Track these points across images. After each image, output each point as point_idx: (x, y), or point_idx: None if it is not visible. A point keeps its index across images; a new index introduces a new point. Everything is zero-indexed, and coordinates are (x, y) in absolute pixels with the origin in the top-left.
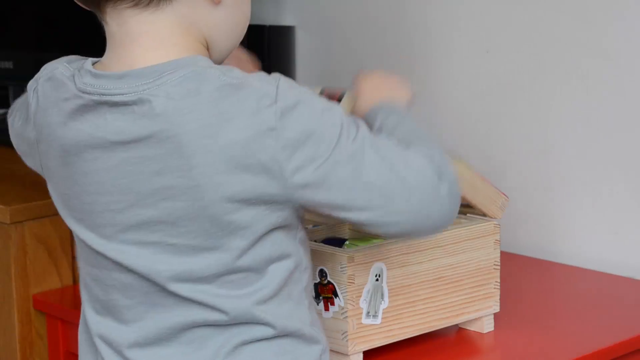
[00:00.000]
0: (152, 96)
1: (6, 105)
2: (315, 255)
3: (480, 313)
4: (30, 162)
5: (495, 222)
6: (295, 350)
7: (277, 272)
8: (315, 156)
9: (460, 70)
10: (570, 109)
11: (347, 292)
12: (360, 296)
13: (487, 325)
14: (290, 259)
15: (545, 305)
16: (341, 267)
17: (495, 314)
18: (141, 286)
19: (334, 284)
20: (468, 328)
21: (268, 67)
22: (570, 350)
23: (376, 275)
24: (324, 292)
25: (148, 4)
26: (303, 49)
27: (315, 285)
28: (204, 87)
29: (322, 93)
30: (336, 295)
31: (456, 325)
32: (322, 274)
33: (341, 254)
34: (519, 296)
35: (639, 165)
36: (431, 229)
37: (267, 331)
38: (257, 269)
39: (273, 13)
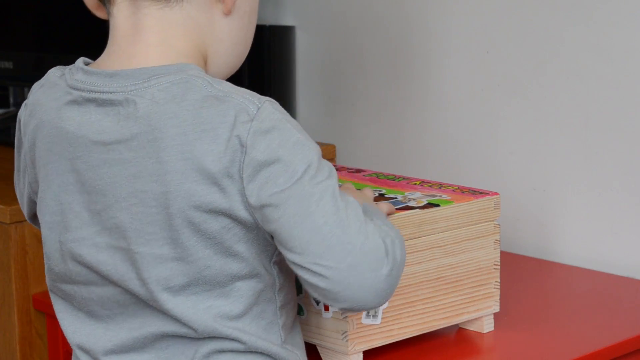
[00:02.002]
0: (139, 97)
1: (6, 105)
2: None
3: (480, 313)
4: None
5: (495, 222)
6: None
7: (243, 290)
8: (274, 184)
9: (460, 70)
10: (570, 108)
11: None
12: None
13: (487, 325)
14: (258, 278)
15: (545, 305)
16: None
17: (495, 314)
18: (114, 294)
19: None
20: (468, 328)
21: (268, 67)
22: (570, 350)
23: None
24: None
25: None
26: (303, 49)
27: None
28: (189, 95)
29: None
30: None
31: (456, 325)
32: None
33: None
34: (519, 296)
35: (638, 165)
36: (358, 299)
37: (238, 346)
38: (222, 283)
39: (273, 13)
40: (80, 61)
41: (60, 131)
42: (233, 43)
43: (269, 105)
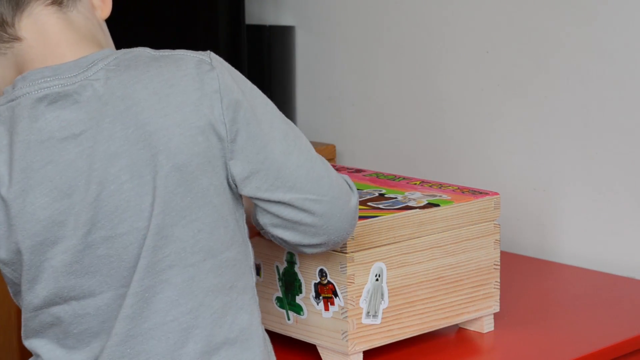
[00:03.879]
0: (92, 80)
1: None
2: (315, 255)
3: (480, 313)
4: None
5: (495, 222)
6: None
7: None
8: (253, 126)
9: (460, 70)
10: (570, 108)
11: (347, 292)
12: (360, 296)
13: (487, 325)
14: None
15: (545, 305)
16: (341, 267)
17: (495, 314)
18: (110, 301)
19: (334, 284)
20: (468, 328)
21: (268, 67)
22: (570, 350)
23: (376, 275)
24: (324, 292)
25: (60, 3)
26: (303, 49)
27: (315, 285)
28: (141, 60)
29: None
30: (336, 295)
31: (456, 325)
32: (322, 274)
33: (341, 254)
34: (519, 296)
35: (638, 165)
36: (339, 230)
37: None
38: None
39: (273, 13)
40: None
41: (26, 146)
42: (112, 42)
43: (214, 54)
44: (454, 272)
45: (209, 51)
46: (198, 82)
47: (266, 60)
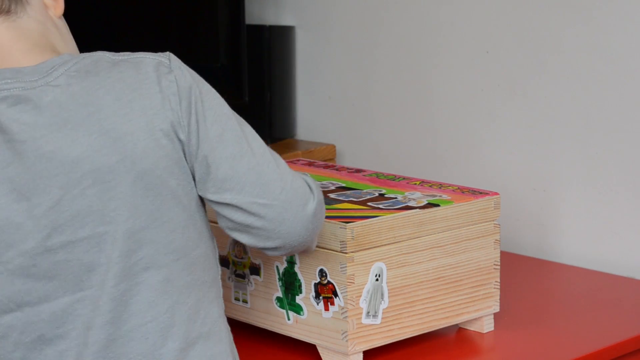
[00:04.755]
0: (53, 86)
1: None
2: (315, 255)
3: (480, 313)
4: None
5: (495, 222)
6: None
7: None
8: (210, 127)
9: (460, 70)
10: (570, 108)
11: (347, 292)
12: (360, 296)
13: (487, 325)
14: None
15: (545, 305)
16: (341, 267)
17: (495, 314)
18: (67, 306)
19: (334, 284)
20: (468, 328)
21: (268, 67)
22: (570, 350)
23: (376, 275)
24: (324, 292)
25: (8, 12)
26: (303, 49)
27: (315, 285)
28: (101, 66)
29: None
30: (336, 295)
31: (456, 325)
32: (322, 274)
33: (341, 254)
34: (519, 296)
35: (638, 165)
36: (292, 235)
37: None
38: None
39: (273, 13)
40: None
41: None
42: (71, 37)
43: (173, 55)
44: (454, 272)
45: (168, 52)
46: (157, 84)
47: (266, 60)
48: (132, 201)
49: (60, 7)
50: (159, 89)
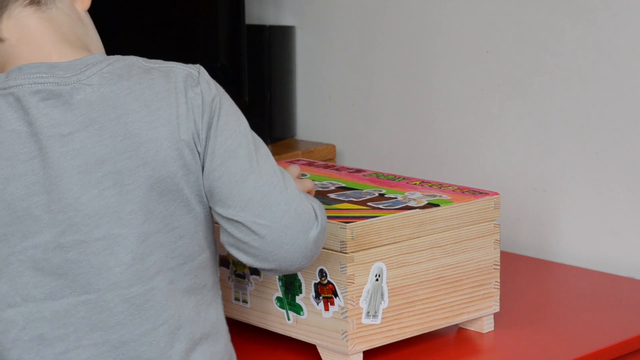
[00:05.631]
0: (85, 85)
1: None
2: None
3: (480, 313)
4: None
5: (495, 222)
6: None
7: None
8: (224, 141)
9: (460, 70)
10: (570, 108)
11: (347, 292)
12: (360, 296)
13: (487, 325)
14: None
15: (545, 305)
16: (341, 267)
17: (495, 314)
18: (70, 307)
19: (334, 284)
20: (468, 328)
21: (268, 67)
22: (570, 350)
23: (376, 275)
24: (324, 292)
25: (39, 3)
26: (303, 49)
27: (315, 285)
28: (134, 71)
29: None
30: (336, 295)
31: (456, 325)
32: (322, 274)
33: (341, 254)
34: (519, 296)
35: (638, 165)
36: (288, 260)
37: None
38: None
39: (273, 13)
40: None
41: (15, 136)
42: (96, 33)
43: (202, 69)
44: (454, 272)
45: (198, 65)
46: (184, 96)
47: (266, 60)
48: (148, 206)
49: (87, 0)
50: (185, 100)
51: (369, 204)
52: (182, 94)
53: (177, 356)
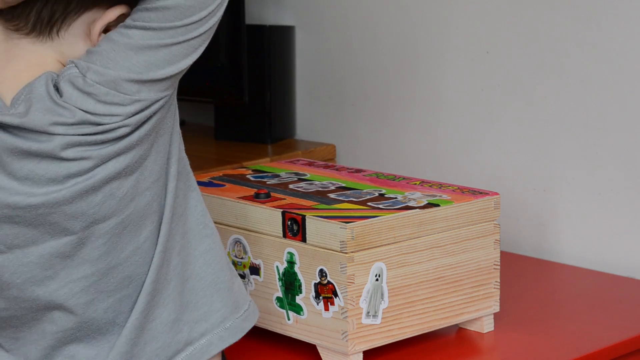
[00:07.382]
0: None
1: None
2: (315, 255)
3: (480, 313)
4: None
5: (495, 222)
6: None
7: None
8: None
9: (460, 70)
10: (570, 108)
11: (347, 292)
12: (360, 296)
13: (487, 325)
14: None
15: (545, 305)
16: (341, 267)
17: (495, 314)
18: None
19: (334, 284)
20: (468, 328)
21: (268, 67)
22: (570, 350)
23: (376, 275)
24: (324, 292)
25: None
26: (303, 49)
27: (315, 285)
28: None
29: None
30: (336, 295)
31: (456, 325)
32: (322, 274)
33: (341, 254)
34: (519, 296)
35: (638, 165)
36: None
37: None
38: None
39: (273, 13)
40: None
41: None
42: None
43: None
44: (454, 272)
45: None
46: None
47: (266, 60)
48: (171, 202)
49: (95, 40)
50: None
51: (369, 204)
52: None
53: (181, 343)
